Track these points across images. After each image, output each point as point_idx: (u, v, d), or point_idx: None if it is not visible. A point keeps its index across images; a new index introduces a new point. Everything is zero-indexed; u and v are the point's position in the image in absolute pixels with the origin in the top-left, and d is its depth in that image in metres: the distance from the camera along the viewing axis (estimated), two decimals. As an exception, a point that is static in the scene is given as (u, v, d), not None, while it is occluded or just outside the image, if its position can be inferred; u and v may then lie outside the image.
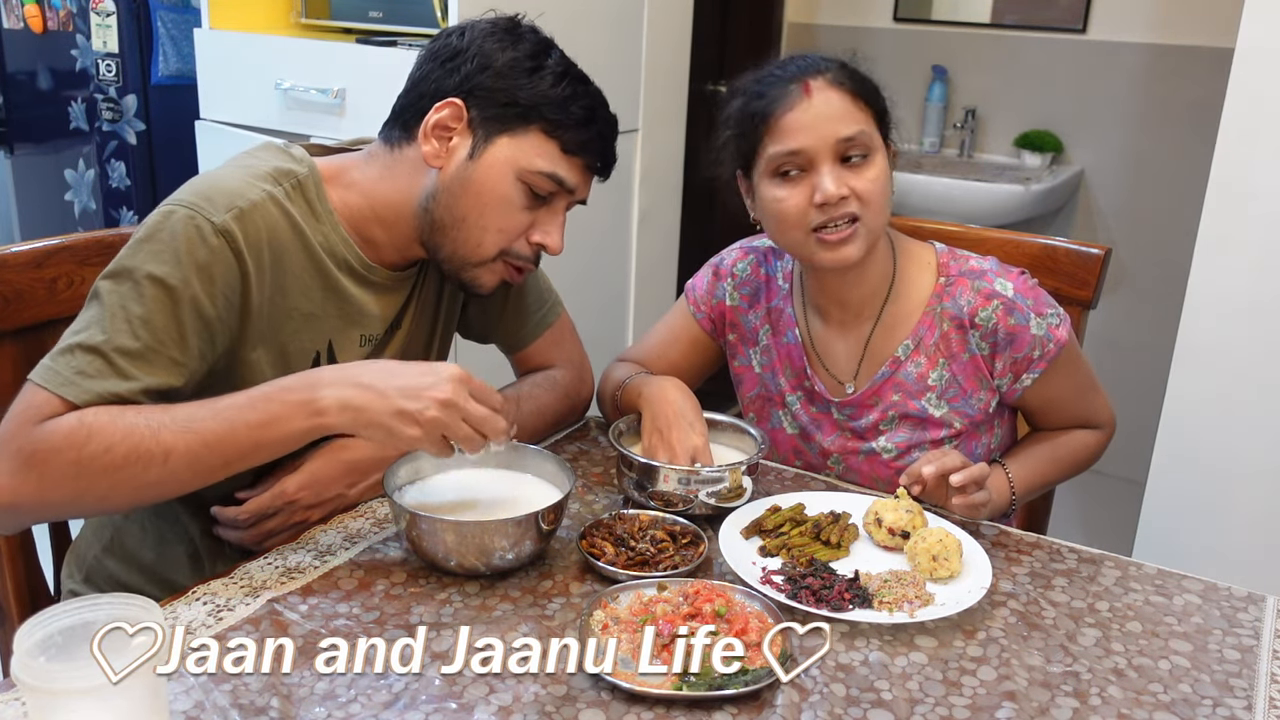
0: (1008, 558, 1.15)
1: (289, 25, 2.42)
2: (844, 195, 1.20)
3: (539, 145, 1.14)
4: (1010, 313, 1.27)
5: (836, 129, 1.20)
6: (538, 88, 1.13)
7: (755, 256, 1.44)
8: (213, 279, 1.05)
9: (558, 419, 1.38)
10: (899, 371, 1.32)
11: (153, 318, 1.02)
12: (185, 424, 0.99)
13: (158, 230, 1.06)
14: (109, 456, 0.96)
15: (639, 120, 2.49)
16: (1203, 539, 1.78)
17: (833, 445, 1.37)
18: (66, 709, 0.71)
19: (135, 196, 2.74)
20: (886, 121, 1.27)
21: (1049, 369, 1.30)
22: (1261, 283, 1.66)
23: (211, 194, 1.08)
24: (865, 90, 1.24)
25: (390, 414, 1.00)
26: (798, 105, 1.21)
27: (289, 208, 1.12)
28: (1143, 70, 2.91)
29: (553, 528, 1.08)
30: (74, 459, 0.95)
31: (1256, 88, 1.62)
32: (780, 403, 1.41)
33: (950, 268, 1.32)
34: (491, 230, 1.15)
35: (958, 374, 1.31)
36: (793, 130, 1.21)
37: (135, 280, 1.03)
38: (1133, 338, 2.94)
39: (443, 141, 1.14)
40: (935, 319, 1.31)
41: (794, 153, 1.21)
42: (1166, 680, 0.95)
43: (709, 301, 1.45)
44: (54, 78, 2.85)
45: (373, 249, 1.19)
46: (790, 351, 1.39)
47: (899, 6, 3.24)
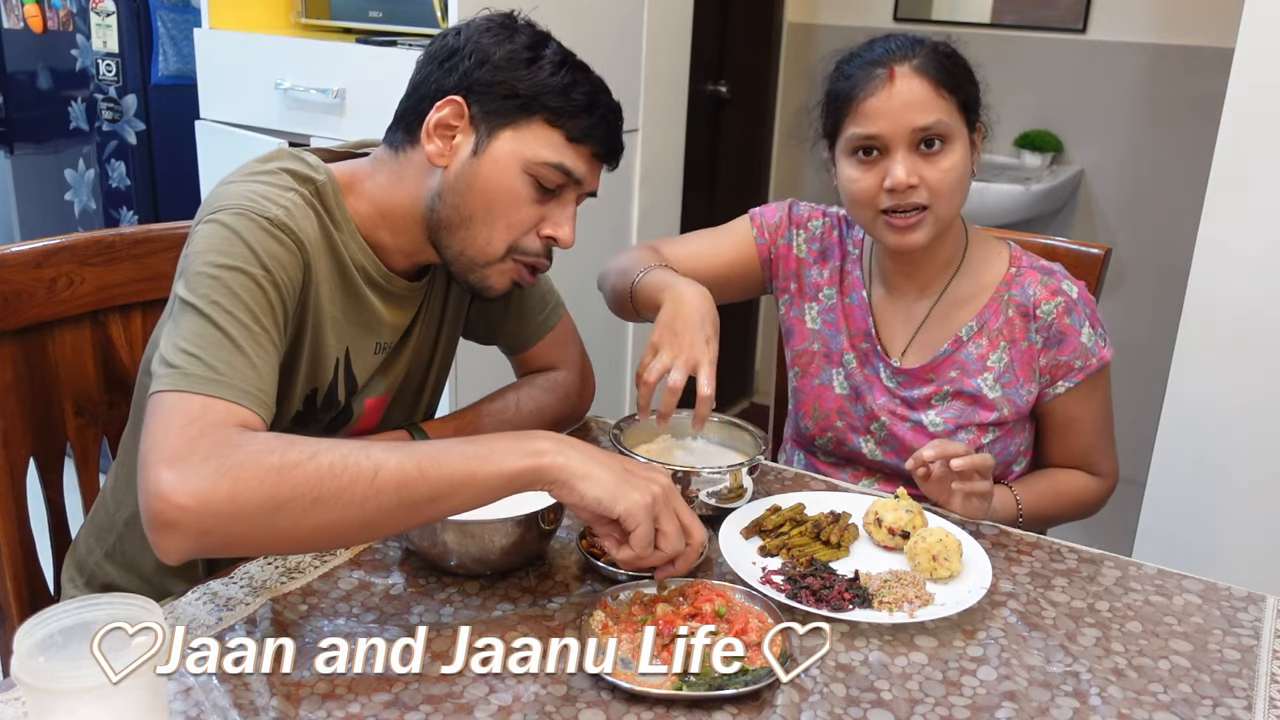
0: (1008, 558, 1.15)
1: (289, 25, 2.42)
2: (913, 184, 1.24)
3: (543, 136, 1.11)
4: (1069, 312, 1.31)
5: (914, 118, 1.23)
6: (537, 78, 1.11)
7: (830, 219, 1.46)
8: (284, 265, 1.03)
9: (558, 420, 1.38)
10: (960, 351, 1.34)
11: (250, 304, 0.98)
12: (391, 446, 0.92)
13: (212, 234, 1.01)
14: (314, 462, 0.87)
15: (639, 120, 2.49)
16: (1203, 539, 1.78)
17: (882, 409, 1.39)
18: (66, 709, 0.71)
19: (135, 196, 2.74)
20: (974, 106, 1.30)
21: (1084, 383, 1.33)
22: (1262, 283, 1.66)
23: (251, 197, 1.04)
24: (950, 78, 1.26)
25: (616, 471, 0.96)
26: (880, 91, 1.24)
27: (318, 210, 1.11)
28: (1143, 70, 2.91)
29: (553, 528, 1.08)
30: (275, 463, 0.87)
31: (1257, 88, 1.62)
32: (838, 360, 1.42)
33: (1022, 260, 1.36)
34: (500, 226, 1.13)
35: (1015, 360, 1.34)
36: (872, 115, 1.24)
37: (213, 276, 0.98)
38: (1133, 338, 2.93)
39: (446, 140, 1.12)
40: (1002, 305, 1.34)
41: (871, 137, 1.25)
42: (1166, 680, 0.95)
43: (776, 235, 1.46)
44: (54, 78, 2.85)
45: (384, 255, 1.18)
46: (854, 312, 1.42)
47: (899, 6, 3.24)
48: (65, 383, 1.30)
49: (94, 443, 1.35)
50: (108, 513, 1.26)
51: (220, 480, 0.85)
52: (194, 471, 0.85)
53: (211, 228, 1.02)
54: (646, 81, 2.47)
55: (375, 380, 1.22)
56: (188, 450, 0.86)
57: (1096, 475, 1.41)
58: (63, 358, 1.29)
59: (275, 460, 0.87)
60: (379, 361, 1.22)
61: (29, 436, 1.26)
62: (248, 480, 0.86)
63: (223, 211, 1.03)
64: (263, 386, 0.96)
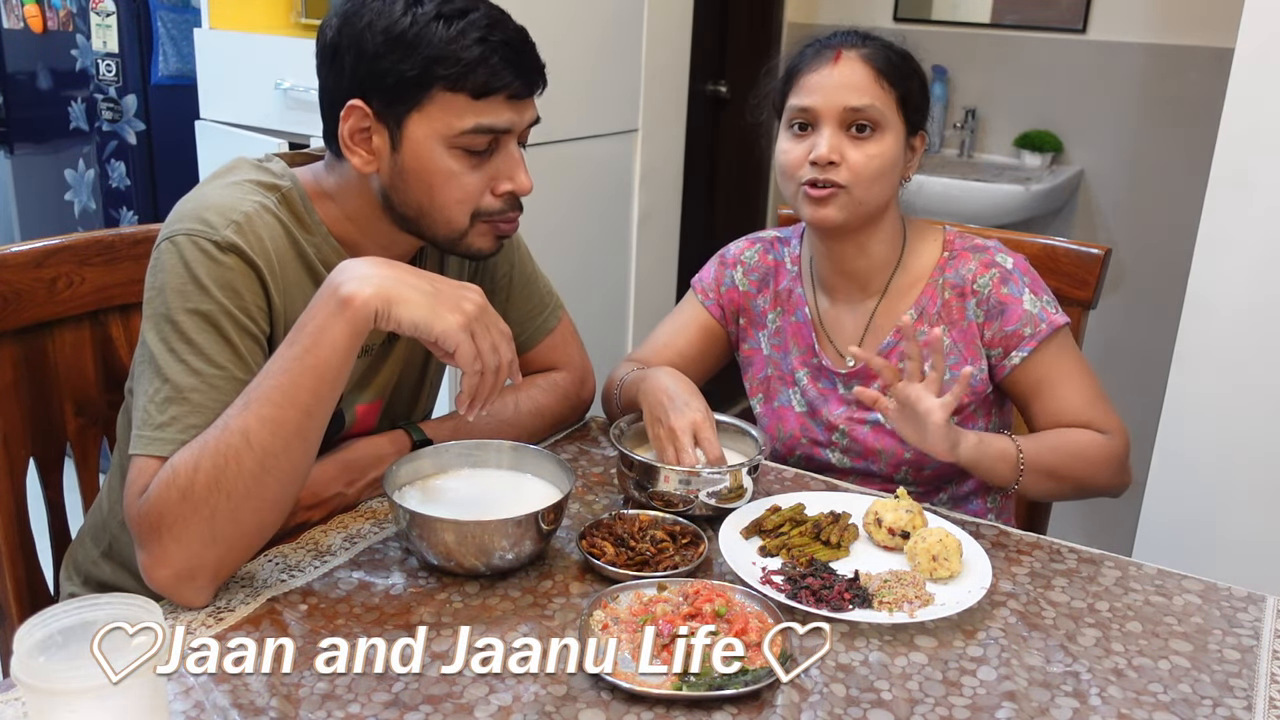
0: (1008, 558, 1.15)
1: (289, 25, 2.42)
2: (834, 160, 1.27)
3: (449, 104, 1.06)
4: (1005, 282, 1.32)
5: (847, 97, 1.27)
6: (418, 48, 1.04)
7: (762, 245, 1.49)
8: (239, 292, 1.05)
9: (557, 420, 1.38)
10: (902, 341, 1.32)
11: (204, 347, 1.02)
12: (244, 401, 0.97)
13: (169, 265, 1.04)
14: (200, 473, 0.95)
15: (639, 120, 2.49)
16: (1203, 539, 1.78)
17: (839, 419, 1.39)
18: (66, 709, 0.71)
19: (135, 196, 2.74)
20: (916, 106, 1.31)
21: (1039, 349, 1.31)
22: (1261, 283, 1.66)
23: (204, 214, 1.06)
24: (895, 72, 1.29)
25: (426, 294, 0.99)
26: (823, 68, 1.29)
27: (282, 217, 1.11)
28: (1143, 70, 2.91)
29: (553, 528, 1.08)
30: (177, 498, 0.94)
31: (1256, 88, 1.62)
32: (791, 381, 1.44)
33: (955, 243, 1.37)
34: (451, 204, 1.10)
35: (957, 340, 1.34)
36: (809, 89, 1.29)
37: (171, 321, 1.02)
38: (1133, 337, 2.94)
39: (364, 145, 1.09)
40: (938, 289, 1.35)
41: (804, 109, 1.29)
42: (1166, 680, 0.95)
43: (717, 289, 1.49)
44: (54, 78, 2.85)
45: (359, 254, 1.17)
46: (799, 329, 1.43)
47: (899, 7, 3.24)
48: (65, 383, 1.30)
49: (94, 443, 1.35)
50: (103, 514, 1.26)
51: (168, 544, 0.95)
52: (149, 551, 0.96)
53: (169, 256, 1.05)
54: (646, 81, 2.47)
55: (364, 383, 1.22)
56: (138, 530, 0.97)
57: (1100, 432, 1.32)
58: (63, 358, 1.29)
59: (176, 495, 0.95)
60: (364, 364, 1.21)
61: (29, 436, 1.27)
62: (180, 527, 0.95)
63: (179, 234, 1.05)
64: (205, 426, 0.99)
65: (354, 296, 0.97)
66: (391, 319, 0.98)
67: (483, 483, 1.17)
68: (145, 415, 1.00)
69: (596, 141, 2.39)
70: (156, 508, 0.95)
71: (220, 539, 0.96)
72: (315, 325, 0.98)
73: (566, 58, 1.16)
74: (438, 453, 1.18)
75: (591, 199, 2.42)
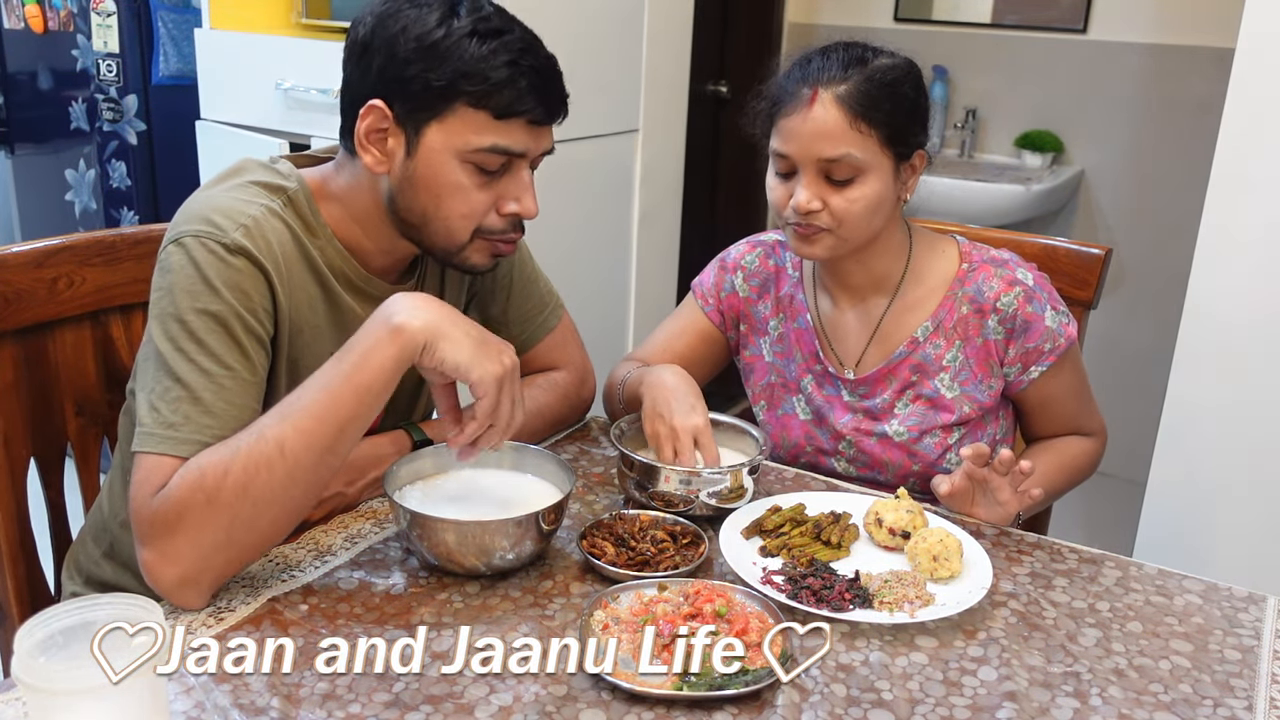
0: (1008, 558, 1.15)
1: (289, 25, 2.42)
2: (815, 209, 1.25)
3: (470, 120, 1.06)
4: (1030, 300, 1.31)
5: (822, 148, 1.23)
6: (448, 61, 1.04)
7: (763, 249, 1.47)
8: (248, 294, 1.05)
9: (557, 420, 1.38)
10: (916, 352, 1.35)
11: (213, 347, 1.02)
12: (283, 413, 0.98)
13: (177, 266, 1.04)
14: (230, 478, 0.95)
15: (639, 120, 2.49)
16: (1203, 539, 1.78)
17: (845, 427, 1.39)
18: (66, 709, 0.71)
19: (136, 196, 2.74)
20: (905, 138, 1.27)
21: (1057, 364, 1.33)
22: (1262, 283, 1.66)
23: (212, 216, 1.06)
24: (874, 111, 1.23)
25: (472, 339, 1.00)
26: (798, 113, 1.25)
27: (289, 220, 1.11)
28: (1143, 70, 2.91)
29: (553, 528, 1.08)
30: (202, 500, 0.94)
31: (1257, 88, 1.62)
32: (795, 388, 1.43)
33: (973, 255, 1.36)
34: (455, 218, 1.11)
35: (970, 357, 1.34)
36: (786, 135, 1.26)
37: (180, 321, 1.02)
38: (1133, 338, 2.94)
39: (379, 146, 1.09)
40: (956, 302, 1.34)
41: (783, 156, 1.27)
42: (1167, 680, 0.95)
43: (717, 294, 1.48)
44: (54, 78, 2.85)
45: (363, 256, 1.17)
46: (802, 335, 1.42)
47: (899, 7, 3.24)
48: (65, 383, 1.30)
49: (94, 443, 1.35)
50: (104, 515, 1.26)
51: (181, 544, 0.95)
52: (158, 549, 0.96)
53: (178, 257, 1.05)
54: (646, 81, 2.47)
55: None
56: (149, 528, 0.96)
57: (1088, 435, 1.43)
58: (63, 358, 1.29)
59: (203, 497, 0.95)
60: None
61: (29, 436, 1.27)
62: (198, 529, 0.95)
63: (187, 235, 1.05)
64: (218, 427, 1.00)
65: (405, 326, 0.99)
66: (436, 355, 1.00)
67: (483, 483, 1.17)
68: (155, 414, 1.00)
69: (597, 141, 2.39)
70: (177, 507, 0.95)
71: (234, 544, 0.97)
72: (365, 347, 0.99)
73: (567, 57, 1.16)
74: (438, 453, 1.18)
75: (592, 199, 2.42)
